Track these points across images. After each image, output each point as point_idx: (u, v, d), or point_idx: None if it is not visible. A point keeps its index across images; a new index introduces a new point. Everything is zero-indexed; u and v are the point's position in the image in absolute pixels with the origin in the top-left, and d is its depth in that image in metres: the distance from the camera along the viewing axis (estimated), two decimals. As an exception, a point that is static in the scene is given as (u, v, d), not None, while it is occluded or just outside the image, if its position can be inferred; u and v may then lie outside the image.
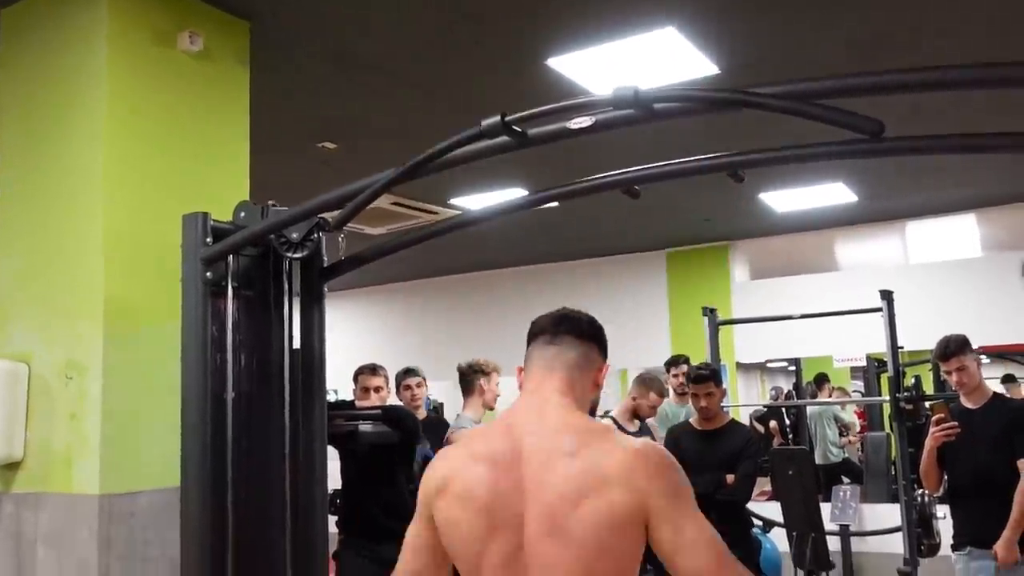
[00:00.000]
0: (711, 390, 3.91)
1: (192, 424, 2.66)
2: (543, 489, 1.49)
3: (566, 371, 1.64)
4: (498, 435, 1.60)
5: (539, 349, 1.69)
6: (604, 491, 1.45)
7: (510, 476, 1.52)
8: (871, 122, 1.60)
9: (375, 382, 4.06)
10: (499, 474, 1.52)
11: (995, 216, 7.49)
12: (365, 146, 5.22)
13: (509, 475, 1.52)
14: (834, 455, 8.32)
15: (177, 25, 3.24)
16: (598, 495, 1.45)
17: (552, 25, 3.76)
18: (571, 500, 1.46)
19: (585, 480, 1.47)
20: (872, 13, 3.76)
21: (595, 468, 1.47)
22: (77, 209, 3.04)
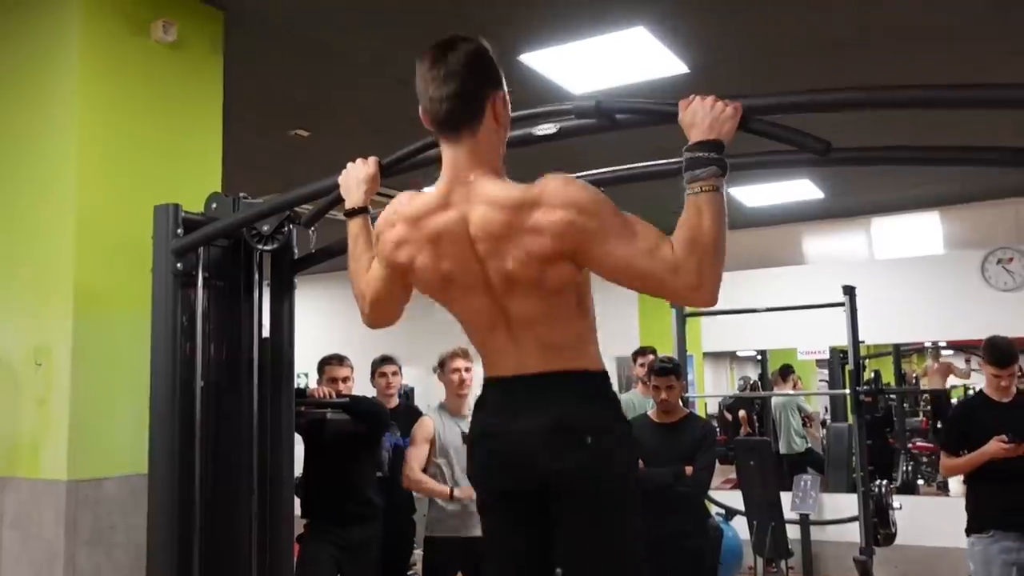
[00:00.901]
0: (672, 383, 3.99)
1: (160, 412, 2.70)
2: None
3: (471, 156, 1.71)
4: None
5: (443, 148, 1.75)
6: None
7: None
8: (819, 142, 1.67)
9: (342, 372, 4.08)
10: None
11: (957, 214, 7.64)
12: (337, 134, 5.23)
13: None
14: (797, 445, 8.47)
15: (151, 14, 3.25)
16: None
17: (525, 22, 3.81)
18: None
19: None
20: (838, 14, 3.84)
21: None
22: (50, 197, 3.06)
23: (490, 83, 1.72)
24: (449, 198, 1.70)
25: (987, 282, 7.21)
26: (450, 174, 1.72)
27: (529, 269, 1.62)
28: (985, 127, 5.16)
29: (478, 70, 1.70)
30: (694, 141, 1.63)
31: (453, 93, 1.68)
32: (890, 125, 4.97)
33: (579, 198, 1.59)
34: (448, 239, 1.69)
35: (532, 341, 1.69)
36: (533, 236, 1.59)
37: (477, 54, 1.71)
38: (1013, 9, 3.80)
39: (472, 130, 1.70)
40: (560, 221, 1.57)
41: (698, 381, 8.27)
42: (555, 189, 1.60)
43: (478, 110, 1.70)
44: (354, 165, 2.19)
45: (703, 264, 1.53)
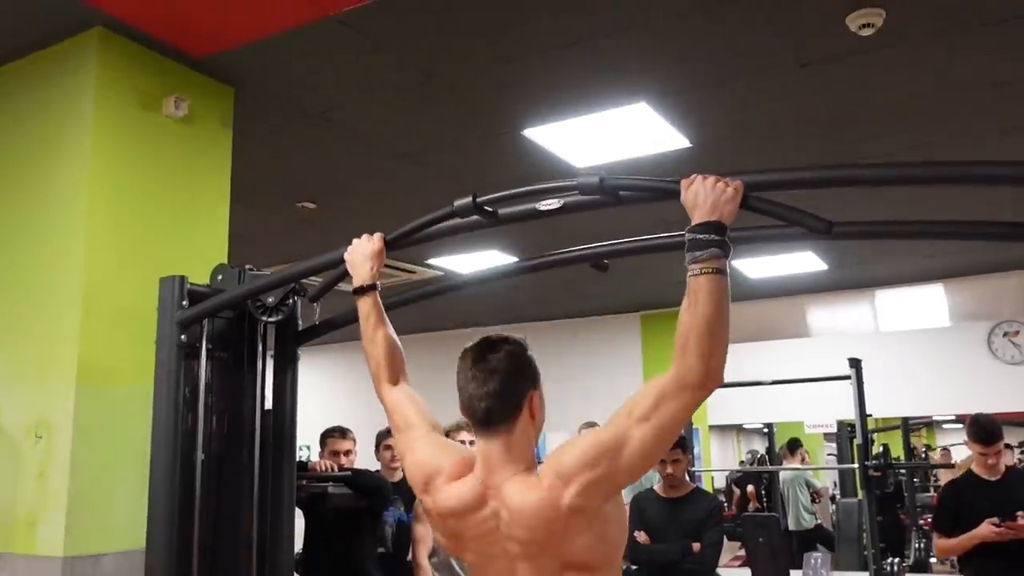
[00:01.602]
0: (678, 457, 3.94)
1: (160, 486, 2.67)
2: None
3: (505, 454, 1.71)
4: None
5: (478, 441, 1.75)
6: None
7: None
8: (820, 222, 1.68)
9: (344, 446, 4.05)
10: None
11: (963, 287, 7.65)
12: (344, 207, 5.30)
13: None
14: (806, 520, 8.33)
15: (163, 90, 3.32)
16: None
17: (528, 98, 3.88)
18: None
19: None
20: (836, 90, 3.91)
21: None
22: (57, 268, 3.08)
23: (529, 381, 1.76)
24: (485, 497, 1.72)
25: (994, 355, 7.18)
26: (483, 471, 1.73)
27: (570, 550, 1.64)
28: (987, 200, 5.21)
29: (517, 370, 1.74)
30: (696, 222, 1.65)
31: (493, 392, 1.71)
32: (893, 198, 5.01)
33: (583, 449, 1.63)
34: (483, 538, 1.72)
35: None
36: (574, 532, 1.62)
37: (517, 353, 1.76)
38: (1007, 87, 3.87)
39: (508, 427, 1.72)
40: (589, 480, 1.60)
41: (704, 454, 8.18)
42: (564, 460, 1.63)
43: (516, 408, 1.73)
44: (360, 241, 2.22)
45: (702, 355, 1.55)
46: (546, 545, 1.63)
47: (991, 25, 3.31)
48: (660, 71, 3.69)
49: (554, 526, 1.61)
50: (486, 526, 1.69)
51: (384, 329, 2.07)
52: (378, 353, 2.05)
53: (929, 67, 3.68)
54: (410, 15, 3.20)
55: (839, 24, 3.26)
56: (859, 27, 3.26)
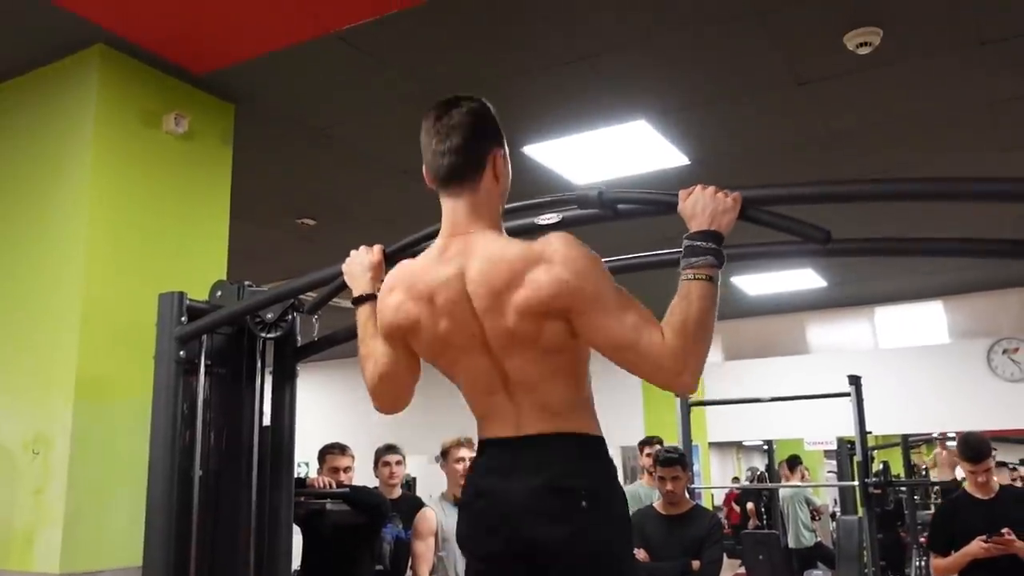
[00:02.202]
0: (678, 474, 3.93)
1: (157, 502, 2.66)
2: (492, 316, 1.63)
3: (471, 211, 1.71)
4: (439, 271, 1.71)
5: (444, 202, 1.75)
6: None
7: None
8: (818, 231, 1.69)
9: (344, 462, 4.03)
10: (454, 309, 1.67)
11: (962, 304, 7.66)
12: (343, 223, 5.31)
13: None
14: (806, 538, 8.28)
15: (164, 107, 3.33)
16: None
17: (529, 114, 3.90)
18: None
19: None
20: (834, 109, 3.93)
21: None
22: (57, 284, 3.08)
23: (491, 139, 1.75)
24: (446, 253, 1.71)
25: (993, 372, 7.18)
26: (448, 229, 1.73)
27: (524, 324, 1.61)
28: (986, 216, 5.22)
29: (480, 125, 1.74)
30: (694, 230, 1.66)
31: (455, 147, 1.71)
32: (891, 215, 5.03)
33: (579, 261, 1.60)
34: (445, 295, 1.68)
35: (531, 404, 1.66)
36: (530, 290, 1.59)
37: (479, 110, 1.75)
38: (1006, 105, 3.88)
39: (472, 185, 1.72)
40: (557, 279, 1.57)
41: (704, 471, 8.15)
42: (557, 248, 1.61)
43: (479, 165, 1.72)
44: (358, 253, 2.21)
45: (687, 351, 1.54)
46: (511, 290, 1.59)
47: (990, 43, 3.33)
48: (659, 89, 3.71)
49: (516, 282, 1.59)
50: (454, 284, 1.66)
51: (380, 339, 2.04)
52: (376, 355, 1.99)
53: (927, 85, 3.70)
54: (410, 32, 3.22)
55: (837, 43, 3.28)
56: (857, 46, 3.28)
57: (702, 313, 1.56)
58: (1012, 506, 3.84)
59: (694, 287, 1.59)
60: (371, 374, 1.92)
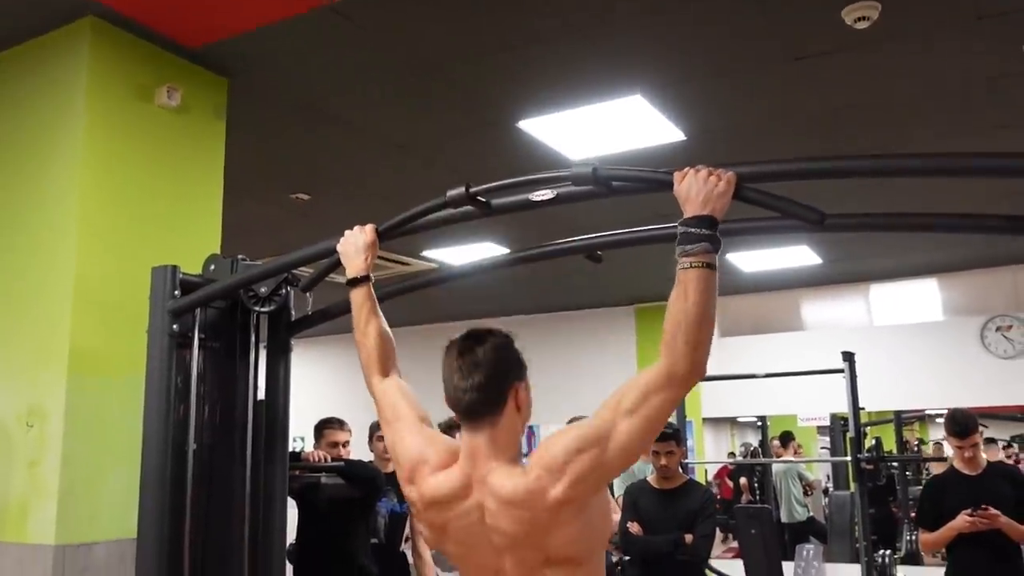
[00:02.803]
0: (672, 449, 3.95)
1: (151, 475, 2.66)
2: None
3: (490, 446, 1.71)
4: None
5: (464, 434, 1.75)
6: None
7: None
8: (813, 212, 1.68)
9: (342, 436, 4.04)
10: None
11: (956, 281, 7.67)
12: (338, 198, 5.29)
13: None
14: (799, 513, 8.36)
15: (156, 80, 3.31)
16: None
17: (523, 90, 3.87)
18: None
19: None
20: (830, 84, 3.91)
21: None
22: (49, 258, 3.07)
23: (513, 374, 1.76)
24: (469, 488, 1.72)
25: (987, 349, 7.21)
26: (468, 463, 1.73)
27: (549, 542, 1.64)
28: (980, 194, 5.22)
29: (503, 363, 1.74)
30: (688, 216, 1.66)
31: (477, 385, 1.71)
32: (887, 192, 5.02)
33: (570, 442, 1.62)
34: (466, 530, 1.72)
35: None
36: (557, 532, 1.62)
37: (502, 347, 1.76)
38: (1004, 81, 3.87)
39: (493, 420, 1.72)
40: (576, 473, 1.60)
41: (698, 447, 8.19)
42: (550, 453, 1.63)
43: (501, 400, 1.72)
44: (352, 233, 2.21)
45: (688, 347, 1.57)
46: (530, 537, 1.63)
47: (987, 18, 3.31)
48: (655, 64, 3.68)
49: (539, 518, 1.61)
50: (470, 518, 1.69)
51: (376, 321, 2.07)
52: (370, 344, 2.05)
53: (925, 61, 3.68)
54: (405, 5, 3.19)
55: (834, 17, 3.26)
56: (854, 20, 3.26)
57: (700, 305, 1.58)
58: (999, 482, 3.89)
59: (691, 276, 1.60)
60: (366, 363, 1.98)
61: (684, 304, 1.58)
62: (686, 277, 1.60)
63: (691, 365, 1.58)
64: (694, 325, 1.57)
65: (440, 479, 1.75)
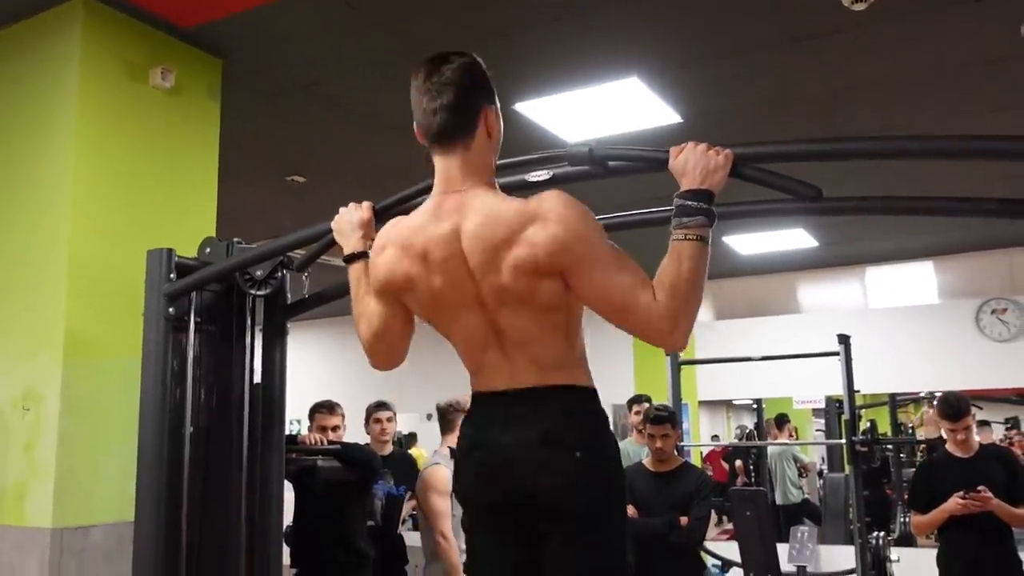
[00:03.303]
0: (667, 432, 3.96)
1: (148, 459, 2.66)
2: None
3: (464, 169, 1.70)
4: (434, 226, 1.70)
5: (436, 160, 1.74)
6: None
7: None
8: (810, 188, 1.68)
9: (332, 421, 4.03)
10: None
11: (952, 264, 7.68)
12: (333, 180, 5.27)
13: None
14: (794, 495, 8.40)
15: (150, 61, 3.28)
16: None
17: (521, 71, 3.85)
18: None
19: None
20: (827, 67, 3.90)
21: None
22: (44, 241, 3.05)
23: (483, 96, 1.74)
24: (440, 210, 1.69)
25: (982, 332, 7.22)
26: (442, 186, 1.72)
27: (520, 282, 1.61)
28: (977, 176, 5.21)
29: (472, 82, 1.72)
30: (684, 189, 1.65)
31: (447, 104, 1.69)
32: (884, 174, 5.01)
33: (575, 219, 1.59)
34: (439, 252, 1.67)
35: (524, 358, 1.67)
36: (526, 248, 1.59)
37: (471, 67, 1.74)
38: (1001, 63, 3.86)
39: (465, 142, 1.70)
40: (552, 236, 1.57)
41: (694, 430, 8.22)
42: (553, 206, 1.60)
43: (471, 122, 1.71)
44: (347, 210, 2.19)
45: (678, 310, 1.55)
46: (507, 246, 1.59)
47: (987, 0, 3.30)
48: (652, 46, 3.66)
49: (519, 241, 1.58)
50: (447, 245, 1.65)
51: (374, 295, 2.04)
52: (370, 313, 1.98)
53: (922, 43, 3.67)
54: (400, -14, 3.17)
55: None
56: (852, 2, 3.24)
57: (692, 273, 1.57)
58: (991, 464, 3.90)
59: (685, 247, 1.59)
60: (366, 332, 1.91)
61: (678, 270, 1.57)
62: (680, 247, 1.59)
63: (672, 328, 1.55)
64: (683, 295, 1.56)
65: (411, 216, 1.74)
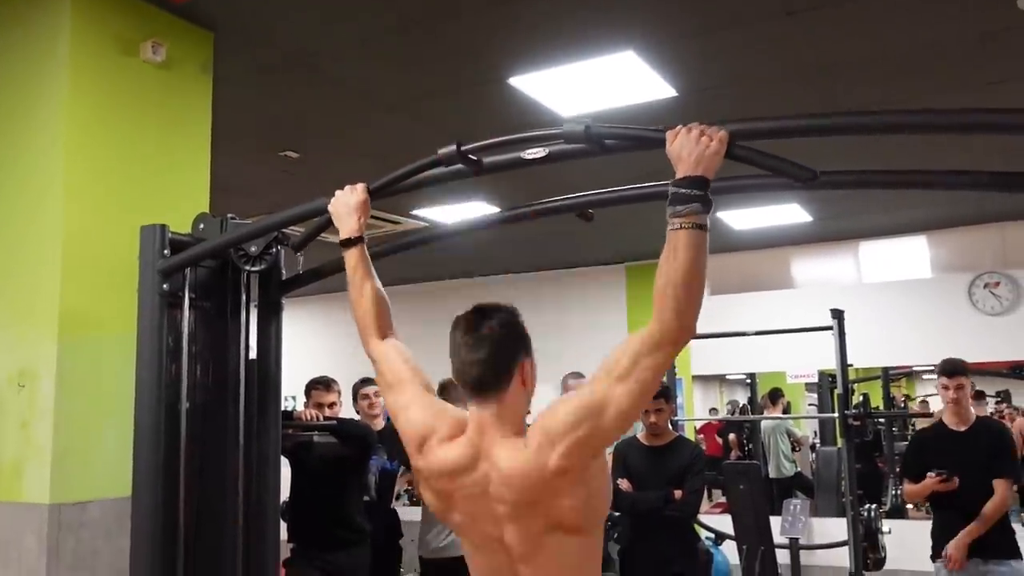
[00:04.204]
0: (661, 406, 3.98)
1: (145, 434, 2.67)
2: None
3: (497, 419, 1.74)
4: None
5: (471, 407, 1.78)
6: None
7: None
8: (805, 171, 1.68)
9: (329, 398, 4.05)
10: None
11: (945, 238, 7.69)
12: (327, 156, 5.24)
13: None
14: (787, 469, 8.47)
15: (141, 34, 3.24)
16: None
17: (515, 45, 3.82)
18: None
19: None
20: (824, 39, 3.87)
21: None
22: (36, 216, 3.03)
23: (520, 350, 1.78)
24: (477, 460, 1.74)
25: (975, 306, 7.25)
26: (475, 435, 1.76)
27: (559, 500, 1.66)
28: (970, 152, 5.20)
29: (509, 338, 1.77)
30: (679, 176, 1.66)
31: (484, 359, 1.73)
32: (879, 146, 5.00)
33: (568, 412, 1.65)
34: (471, 500, 1.75)
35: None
36: (556, 503, 1.65)
37: (509, 323, 1.78)
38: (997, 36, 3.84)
39: (500, 395, 1.74)
40: (574, 441, 1.62)
41: (687, 404, 8.26)
42: (550, 423, 1.66)
43: (507, 375, 1.75)
44: (343, 193, 2.20)
45: (678, 308, 1.59)
46: (532, 506, 1.66)
47: (982, -27, 3.28)
48: (648, 18, 3.64)
49: (541, 487, 1.65)
50: (475, 488, 1.73)
51: (371, 282, 2.08)
52: (365, 305, 2.06)
53: (920, 15, 3.65)
54: (393, -42, 3.13)
55: (829, -29, 3.22)
56: (849, -26, 3.22)
57: (689, 264, 1.59)
58: (983, 438, 3.94)
59: (680, 237, 1.60)
60: (362, 325, 2.01)
61: (674, 264, 1.59)
62: (676, 237, 1.60)
63: (680, 326, 1.60)
64: (683, 286, 1.58)
65: (449, 450, 1.78)
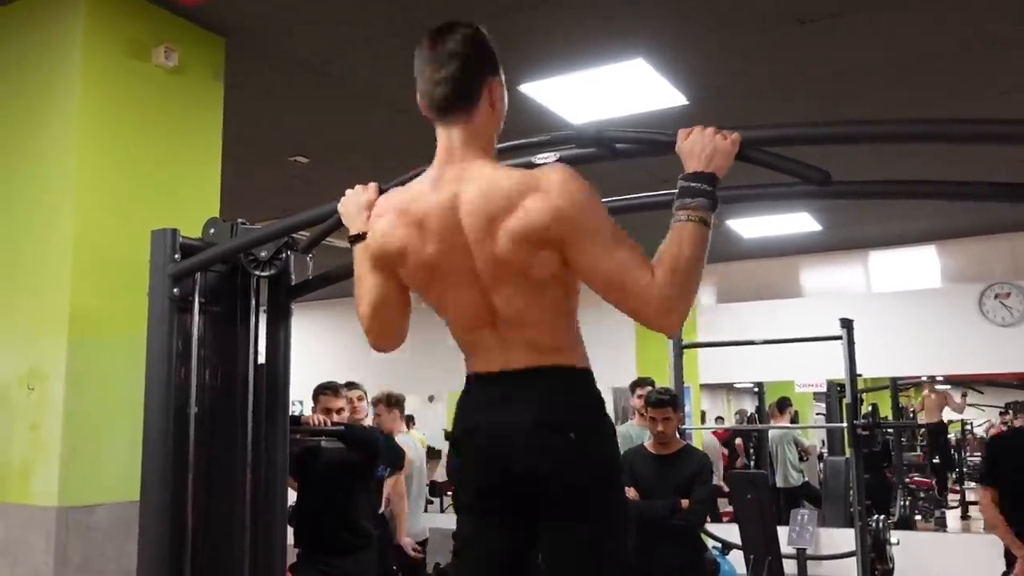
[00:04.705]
0: (669, 415, 3.96)
1: (153, 438, 2.67)
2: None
3: (465, 142, 1.68)
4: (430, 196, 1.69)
5: (439, 132, 1.72)
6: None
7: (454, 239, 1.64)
8: (818, 172, 1.67)
9: (337, 404, 4.04)
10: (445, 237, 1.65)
11: (955, 248, 7.66)
12: (337, 161, 5.25)
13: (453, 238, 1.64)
14: (794, 478, 8.42)
15: (153, 39, 3.26)
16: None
17: (526, 52, 3.83)
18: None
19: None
20: (834, 48, 3.87)
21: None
22: (47, 219, 3.05)
23: (488, 67, 1.72)
24: (440, 180, 1.68)
25: (985, 317, 7.22)
26: (443, 156, 1.71)
27: (516, 251, 1.58)
28: (981, 162, 5.18)
29: (476, 54, 1.70)
30: (689, 171, 1.64)
31: (450, 75, 1.68)
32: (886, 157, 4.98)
33: (576, 192, 1.57)
34: (436, 220, 1.66)
35: (519, 338, 1.66)
36: (524, 217, 1.57)
37: (475, 38, 1.71)
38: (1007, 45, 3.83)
39: (468, 113, 1.69)
40: (552, 207, 1.55)
41: (695, 413, 8.24)
42: (554, 178, 1.58)
43: (474, 93, 1.69)
44: (353, 191, 2.19)
45: (676, 292, 1.54)
46: (500, 220, 1.58)
47: (994, -18, 3.27)
48: (658, 26, 3.64)
49: (518, 210, 1.57)
50: (447, 219, 1.63)
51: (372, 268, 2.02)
52: (367, 286, 1.95)
53: (930, 24, 3.64)
54: (405, -35, 3.14)
55: (840, -20, 3.22)
56: (860, -17, 3.22)
57: (692, 256, 1.56)
58: None
59: (686, 229, 1.58)
60: (364, 309, 1.89)
61: (676, 252, 1.55)
62: (680, 229, 1.58)
63: (667, 305, 1.53)
64: (681, 277, 1.54)
65: (410, 185, 1.73)
